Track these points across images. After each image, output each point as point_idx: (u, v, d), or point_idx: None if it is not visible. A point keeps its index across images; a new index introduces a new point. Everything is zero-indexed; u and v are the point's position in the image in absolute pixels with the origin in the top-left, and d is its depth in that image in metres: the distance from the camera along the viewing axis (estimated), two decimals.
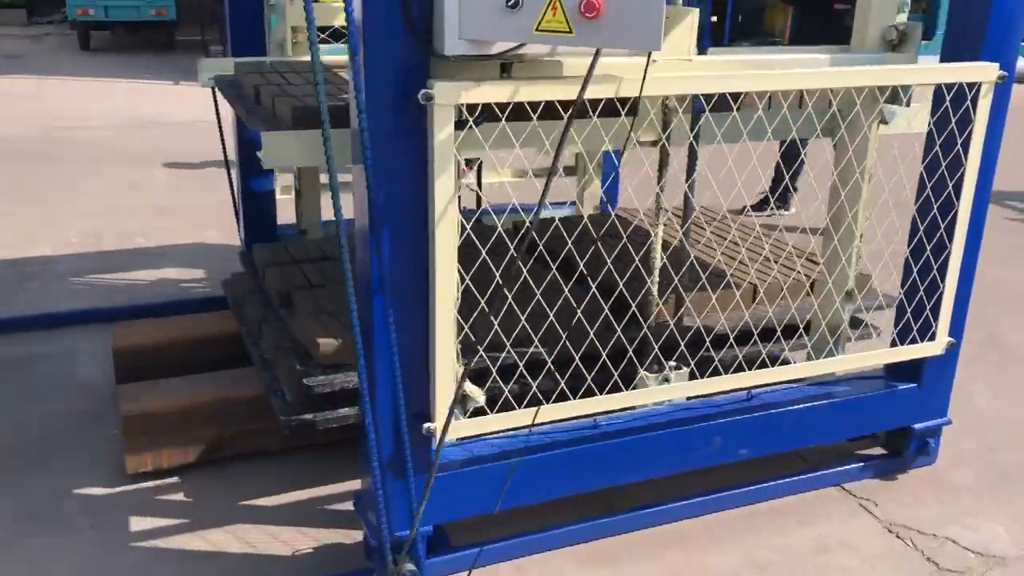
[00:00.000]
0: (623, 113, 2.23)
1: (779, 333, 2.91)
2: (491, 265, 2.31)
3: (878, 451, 3.13)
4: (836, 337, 2.97)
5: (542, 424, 2.49)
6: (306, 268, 3.36)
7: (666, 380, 2.70)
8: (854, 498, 2.96)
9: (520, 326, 2.56)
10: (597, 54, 1.95)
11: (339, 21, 4.00)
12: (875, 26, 2.76)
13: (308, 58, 3.82)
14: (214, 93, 3.82)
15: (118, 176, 6.79)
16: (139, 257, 5.02)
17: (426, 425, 2.31)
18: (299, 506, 2.87)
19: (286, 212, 4.26)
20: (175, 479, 2.96)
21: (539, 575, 2.57)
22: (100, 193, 6.35)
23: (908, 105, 2.74)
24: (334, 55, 3.71)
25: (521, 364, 2.46)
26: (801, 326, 3.05)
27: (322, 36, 4.14)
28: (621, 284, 2.59)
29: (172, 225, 5.56)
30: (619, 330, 2.65)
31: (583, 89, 1.95)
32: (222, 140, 4.05)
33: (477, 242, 2.29)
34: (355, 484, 2.95)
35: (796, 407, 2.81)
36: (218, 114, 3.94)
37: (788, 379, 2.74)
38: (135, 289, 4.54)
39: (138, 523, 2.75)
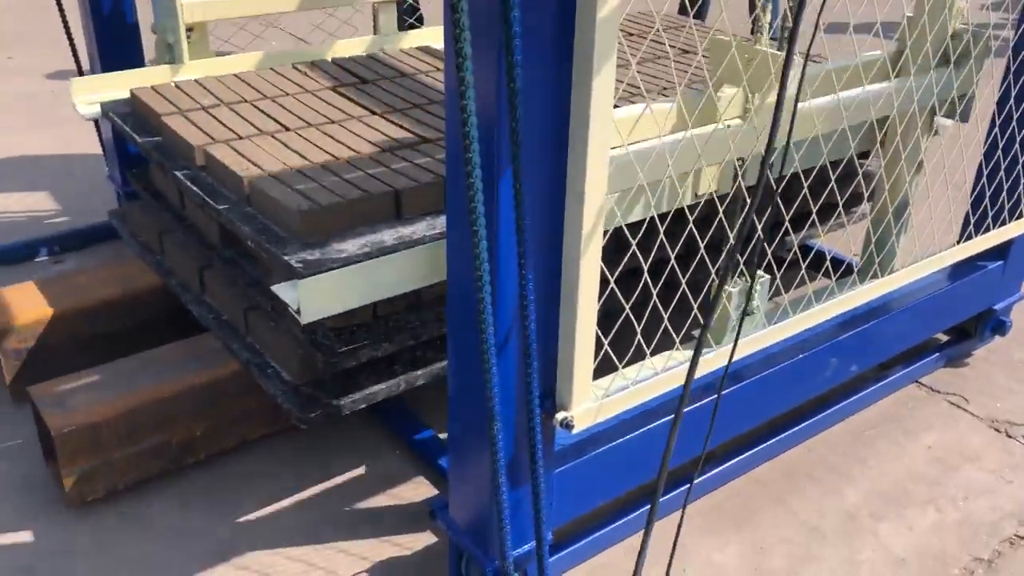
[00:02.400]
0: None
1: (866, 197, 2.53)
2: None
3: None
4: (905, 216, 2.57)
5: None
6: None
7: (749, 291, 2.19)
8: (939, 395, 2.64)
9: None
10: None
11: None
12: None
13: (214, 69, 2.74)
14: (98, 127, 3.07)
15: None
16: None
17: (561, 415, 1.68)
18: (319, 509, 2.18)
19: None
20: (140, 503, 2.16)
21: (661, 555, 2.07)
22: None
23: (966, 120, 2.29)
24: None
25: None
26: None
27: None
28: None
29: None
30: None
31: None
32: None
33: (636, 164, 1.62)
34: (382, 466, 2.30)
35: (899, 309, 2.40)
36: (103, 143, 3.16)
37: (904, 283, 2.30)
38: None
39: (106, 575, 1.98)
